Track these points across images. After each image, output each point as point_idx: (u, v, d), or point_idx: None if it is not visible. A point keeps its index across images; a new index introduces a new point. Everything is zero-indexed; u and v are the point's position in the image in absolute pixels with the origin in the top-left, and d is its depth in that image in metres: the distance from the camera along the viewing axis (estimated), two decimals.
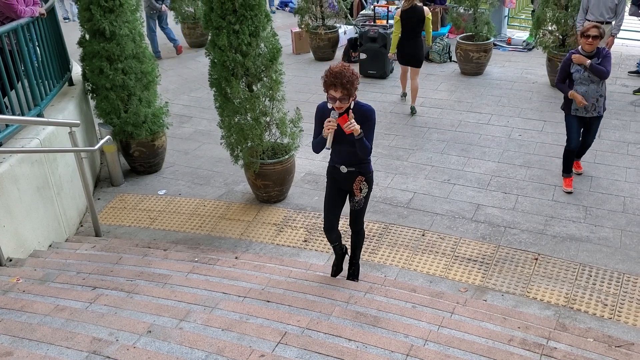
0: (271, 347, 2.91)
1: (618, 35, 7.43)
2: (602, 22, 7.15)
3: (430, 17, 7.38)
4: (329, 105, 3.69)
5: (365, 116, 3.75)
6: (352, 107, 3.74)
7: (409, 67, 7.52)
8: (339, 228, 4.23)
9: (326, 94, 3.67)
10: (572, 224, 5.12)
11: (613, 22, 7.22)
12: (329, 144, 3.72)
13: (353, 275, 4.38)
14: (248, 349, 2.83)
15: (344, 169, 3.92)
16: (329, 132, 3.66)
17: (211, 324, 3.10)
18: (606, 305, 4.16)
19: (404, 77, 7.97)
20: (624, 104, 7.54)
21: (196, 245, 5.08)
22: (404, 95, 8.13)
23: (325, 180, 4.13)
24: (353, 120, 3.61)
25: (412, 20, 7.22)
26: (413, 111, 7.57)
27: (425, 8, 7.34)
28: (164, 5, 10.13)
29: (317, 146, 3.91)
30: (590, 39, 5.10)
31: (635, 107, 7.40)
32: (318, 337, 3.11)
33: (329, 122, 3.63)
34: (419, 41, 7.38)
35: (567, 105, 5.45)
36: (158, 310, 3.23)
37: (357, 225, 4.21)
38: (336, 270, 4.41)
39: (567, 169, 5.65)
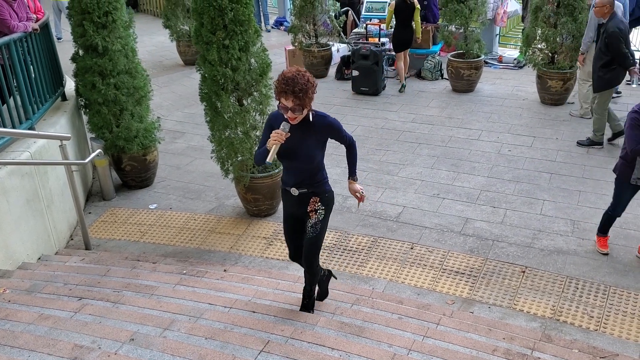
0: (253, 355, 2.92)
1: None
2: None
3: (419, 8, 8.74)
4: (281, 127, 3.26)
5: (332, 127, 3.39)
6: (311, 119, 3.33)
7: (402, 50, 8.88)
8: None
9: (277, 101, 3.26)
10: (560, 237, 5.15)
11: None
12: (270, 157, 3.23)
13: (308, 306, 3.78)
14: (230, 357, 2.84)
15: (294, 191, 3.45)
16: (273, 144, 3.21)
17: (195, 333, 3.11)
18: (592, 317, 4.17)
19: (400, 65, 9.01)
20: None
21: (185, 259, 5.09)
22: (403, 87, 9.07)
23: None
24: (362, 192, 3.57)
25: (405, 11, 8.65)
26: (402, 89, 8.97)
27: (415, 0, 8.68)
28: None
29: (259, 157, 3.40)
30: None
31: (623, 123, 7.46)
32: (301, 345, 3.12)
33: (277, 133, 3.20)
34: (410, 29, 8.87)
35: (628, 172, 4.59)
36: (142, 320, 3.24)
37: (308, 260, 3.59)
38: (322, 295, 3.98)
39: (605, 229, 4.93)
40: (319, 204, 3.49)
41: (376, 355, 3.09)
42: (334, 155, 7.03)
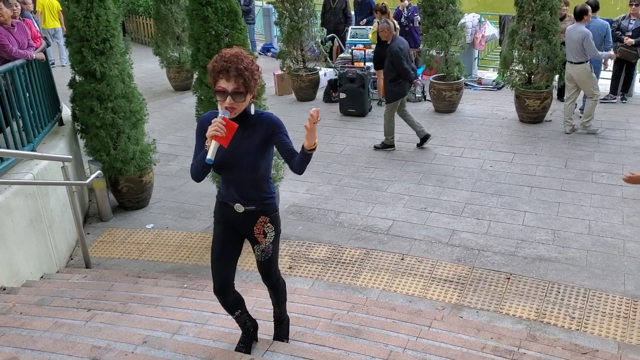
0: (260, 354, 3.12)
1: None
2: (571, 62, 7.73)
3: (398, 28, 9.24)
4: (219, 108, 2.70)
5: (274, 126, 2.83)
6: (252, 111, 2.81)
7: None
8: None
9: (213, 88, 2.70)
10: (542, 245, 5.42)
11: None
12: (211, 154, 2.60)
13: (280, 335, 3.41)
14: (238, 355, 3.03)
15: (239, 207, 2.89)
16: (213, 134, 2.58)
17: (203, 336, 3.30)
18: (574, 318, 4.42)
19: (380, 82, 9.42)
20: (588, 136, 7.99)
21: (184, 274, 5.26)
22: (382, 101, 9.25)
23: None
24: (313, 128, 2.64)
25: None
26: (380, 103, 9.39)
27: (395, 22, 9.15)
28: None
29: (197, 167, 2.82)
30: None
31: (599, 139, 7.86)
32: (303, 345, 3.32)
33: (215, 123, 2.59)
34: None
35: None
36: (152, 326, 3.43)
37: (271, 279, 3.22)
38: (245, 351, 3.17)
39: None
40: (269, 224, 2.98)
41: (374, 353, 3.30)
42: (325, 173, 7.32)
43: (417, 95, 9.84)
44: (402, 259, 5.33)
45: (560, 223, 5.80)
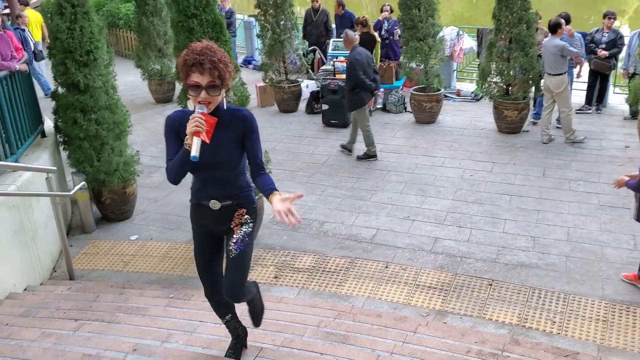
0: None
1: None
2: (549, 74, 7.94)
3: (379, 41, 9.65)
4: (190, 106, 2.63)
5: (250, 125, 2.76)
6: (224, 106, 2.71)
7: None
8: None
9: (184, 83, 2.63)
10: (522, 252, 5.54)
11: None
12: (195, 151, 2.50)
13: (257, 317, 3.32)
14: None
15: (215, 204, 2.82)
16: (195, 128, 2.50)
17: (192, 344, 3.32)
18: (555, 322, 4.52)
19: None
20: (565, 145, 8.19)
21: (170, 285, 5.26)
22: (371, 111, 9.37)
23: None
24: None
25: (368, 44, 9.17)
26: (370, 113, 8.88)
27: (375, 33, 9.62)
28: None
29: (176, 167, 2.66)
30: None
31: (575, 149, 8.05)
32: (292, 351, 3.36)
33: (195, 119, 2.51)
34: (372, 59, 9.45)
35: None
36: (141, 334, 3.44)
37: (234, 289, 2.91)
38: (235, 357, 3.20)
39: None
40: (246, 216, 2.90)
41: (362, 358, 3.36)
42: (309, 183, 7.38)
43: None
44: (387, 267, 5.40)
45: (539, 230, 5.93)
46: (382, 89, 9.15)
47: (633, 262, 5.00)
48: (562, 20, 7.98)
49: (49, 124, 6.95)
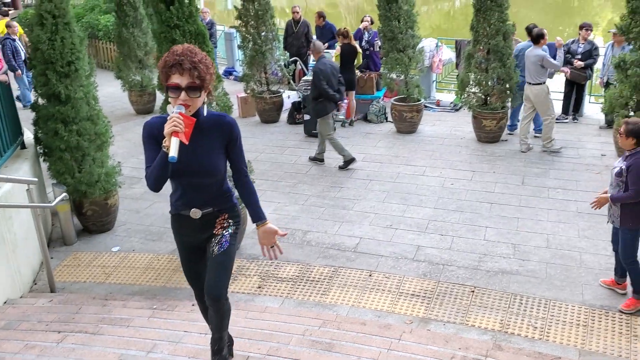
0: None
1: None
2: (529, 84, 8.11)
3: (360, 52, 9.73)
4: (170, 110, 2.54)
5: (233, 132, 2.74)
6: (205, 112, 2.68)
7: (347, 92, 9.31)
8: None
9: (164, 86, 2.58)
10: (503, 259, 5.62)
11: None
12: (173, 151, 2.40)
13: None
14: None
15: (196, 213, 2.79)
16: (172, 128, 2.42)
17: (178, 354, 3.32)
18: (536, 327, 4.59)
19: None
20: (543, 154, 8.33)
21: (153, 296, 5.22)
22: (346, 123, 9.90)
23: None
24: None
25: (349, 55, 9.49)
26: (351, 123, 9.78)
27: (356, 44, 9.75)
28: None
29: (155, 172, 2.58)
30: (618, 135, 4.68)
31: (553, 157, 8.20)
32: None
33: (173, 119, 2.44)
34: (352, 70, 9.73)
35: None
36: (125, 345, 3.42)
37: (216, 290, 2.87)
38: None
39: None
40: (229, 220, 2.90)
41: None
42: (291, 193, 7.40)
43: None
44: (370, 276, 5.43)
45: (520, 237, 6.02)
46: (346, 101, 9.27)
47: (611, 267, 5.10)
48: (545, 31, 8.18)
49: (28, 135, 6.88)
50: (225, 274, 2.89)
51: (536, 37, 8.06)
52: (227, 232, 2.88)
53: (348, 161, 8.05)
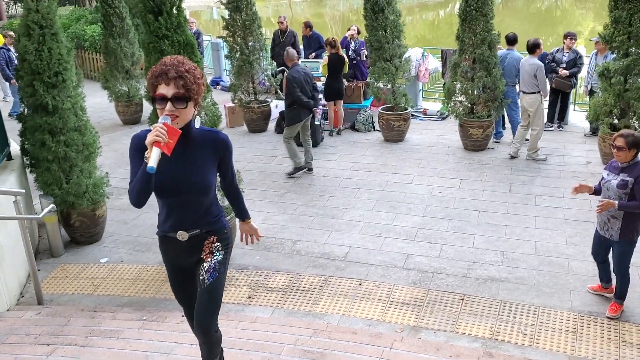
0: None
1: None
2: (524, 92, 8.23)
3: (347, 62, 9.78)
4: (160, 120, 2.45)
5: (225, 147, 2.70)
6: (196, 125, 2.62)
7: (335, 101, 9.77)
8: None
9: (152, 98, 2.52)
10: (492, 267, 5.65)
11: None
12: (153, 161, 2.32)
13: None
14: None
15: (183, 235, 2.70)
16: (154, 138, 2.34)
17: None
18: (526, 334, 4.62)
19: (331, 114, 9.92)
20: (530, 162, 8.42)
21: (142, 307, 5.18)
22: (333, 132, 9.99)
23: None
24: None
25: (337, 65, 9.58)
26: (339, 132, 9.95)
27: (343, 52, 9.83)
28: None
29: (137, 186, 2.50)
30: (615, 150, 4.52)
31: (540, 165, 8.29)
32: None
33: (156, 128, 2.38)
34: (340, 79, 9.84)
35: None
36: (116, 357, 3.39)
37: (205, 323, 2.84)
38: None
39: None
40: (217, 243, 2.79)
41: None
42: (280, 203, 7.40)
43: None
44: (360, 284, 5.44)
45: (508, 245, 6.07)
46: (321, 107, 9.60)
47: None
48: (541, 41, 8.30)
49: (14, 146, 6.83)
50: (215, 305, 2.84)
51: (532, 47, 8.20)
52: (215, 260, 2.78)
53: (297, 168, 8.16)
